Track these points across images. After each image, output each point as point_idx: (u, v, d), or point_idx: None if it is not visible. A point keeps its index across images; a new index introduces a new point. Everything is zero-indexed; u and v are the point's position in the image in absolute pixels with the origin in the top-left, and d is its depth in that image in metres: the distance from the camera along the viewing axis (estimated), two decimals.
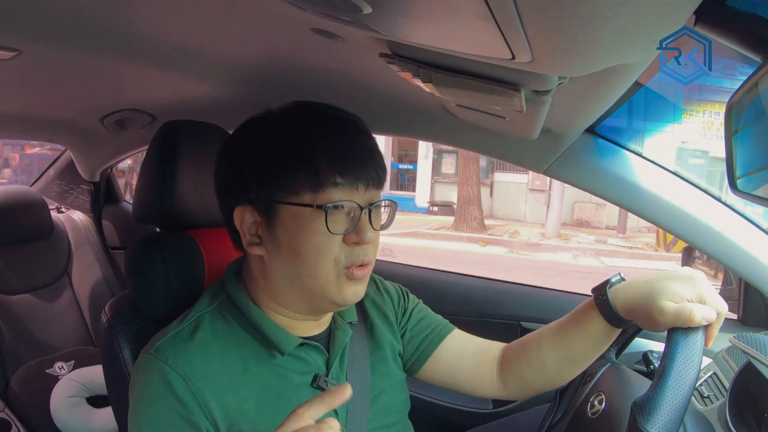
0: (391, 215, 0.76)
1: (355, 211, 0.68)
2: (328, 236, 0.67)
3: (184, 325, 0.72)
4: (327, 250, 0.68)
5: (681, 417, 0.59)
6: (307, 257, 0.68)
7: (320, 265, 0.68)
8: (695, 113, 7.12)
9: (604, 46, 0.44)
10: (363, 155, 0.69)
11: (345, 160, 0.68)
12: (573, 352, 0.80)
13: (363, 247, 0.69)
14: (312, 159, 0.67)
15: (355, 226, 0.68)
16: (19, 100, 1.42)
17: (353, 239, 0.68)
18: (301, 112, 0.72)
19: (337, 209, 0.67)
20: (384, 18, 0.48)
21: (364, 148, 0.70)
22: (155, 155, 0.92)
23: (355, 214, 0.69)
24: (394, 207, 0.76)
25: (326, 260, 0.68)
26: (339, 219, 0.68)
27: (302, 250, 0.68)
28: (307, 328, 0.76)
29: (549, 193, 10.25)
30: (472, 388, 0.89)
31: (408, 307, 0.91)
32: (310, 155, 0.67)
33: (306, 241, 0.67)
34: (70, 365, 1.83)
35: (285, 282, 0.71)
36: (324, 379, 0.74)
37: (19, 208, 1.95)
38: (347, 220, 0.69)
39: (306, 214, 0.67)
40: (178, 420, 0.65)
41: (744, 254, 1.03)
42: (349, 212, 0.69)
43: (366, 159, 0.70)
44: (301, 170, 0.67)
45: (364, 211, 0.69)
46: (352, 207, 0.68)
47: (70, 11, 0.73)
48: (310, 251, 0.68)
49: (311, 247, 0.68)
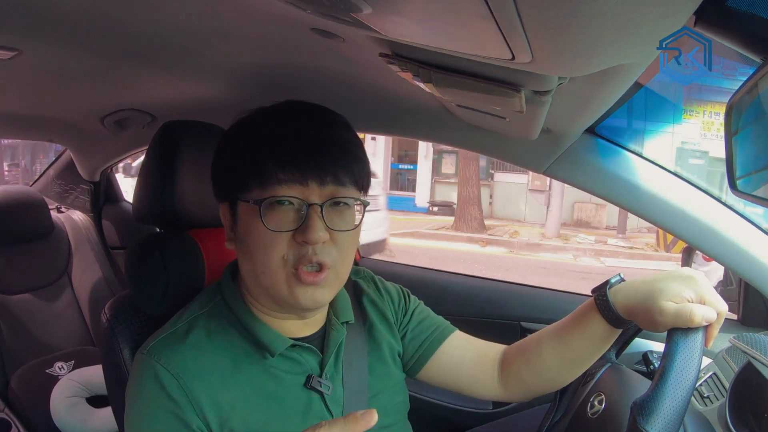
0: (362, 215, 0.73)
1: (303, 208, 0.67)
2: (271, 233, 0.66)
3: (178, 326, 0.72)
4: (272, 247, 0.67)
5: (681, 417, 0.59)
6: (255, 253, 0.68)
7: (267, 263, 0.67)
8: (695, 113, 7.12)
9: (604, 46, 0.44)
10: (317, 150, 0.67)
11: (290, 156, 0.66)
12: (573, 353, 0.79)
13: (314, 247, 0.67)
14: (257, 156, 0.67)
15: (302, 224, 0.66)
16: (19, 100, 1.42)
17: (300, 238, 0.66)
18: (270, 109, 0.72)
19: (281, 205, 0.66)
20: (384, 18, 0.48)
21: (324, 142, 0.68)
22: (155, 155, 0.92)
23: (296, 211, 0.67)
24: (364, 207, 0.73)
25: (272, 258, 0.67)
26: (285, 216, 0.67)
27: (251, 247, 0.69)
28: (296, 329, 0.76)
29: (549, 194, 10.25)
30: (472, 389, 0.89)
31: (409, 308, 0.91)
32: (255, 152, 0.68)
33: (253, 237, 0.68)
34: (70, 365, 1.83)
35: (249, 278, 0.73)
36: (317, 380, 0.74)
37: (19, 208, 1.95)
38: (296, 217, 0.67)
39: (254, 210, 0.67)
40: (171, 418, 0.66)
41: (744, 254, 1.03)
42: (299, 209, 0.67)
43: (322, 154, 0.67)
44: (247, 167, 0.68)
45: (313, 207, 0.66)
46: (300, 203, 0.67)
47: (70, 11, 0.73)
48: (257, 248, 0.68)
49: (257, 244, 0.68)
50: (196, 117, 0.98)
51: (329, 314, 0.81)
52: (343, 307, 0.82)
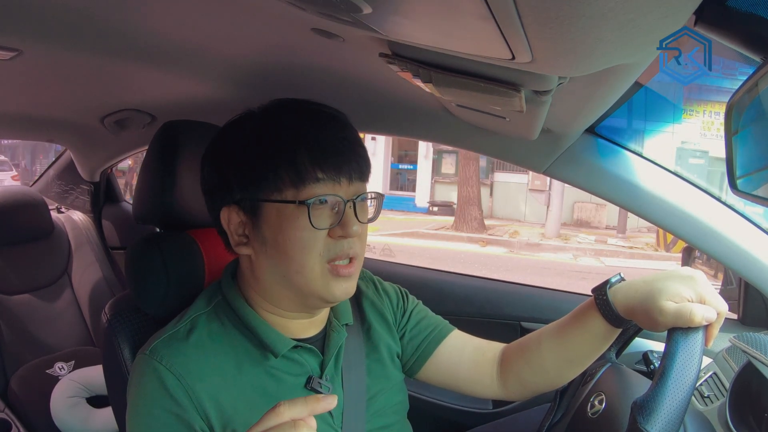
0: (378, 208, 0.76)
1: (339, 204, 0.69)
2: (313, 231, 0.67)
3: (179, 326, 0.72)
4: (311, 245, 0.68)
5: (681, 417, 0.59)
6: (292, 253, 0.68)
7: (305, 261, 0.68)
8: (695, 113, 7.12)
9: (604, 46, 0.44)
10: (344, 149, 0.69)
11: (325, 155, 0.68)
12: (573, 352, 0.79)
13: (348, 241, 0.69)
14: (292, 155, 0.67)
15: (340, 219, 0.68)
16: (19, 100, 1.42)
17: (338, 233, 0.68)
18: (281, 109, 0.72)
19: (321, 204, 0.68)
20: (384, 18, 0.48)
21: (345, 141, 0.70)
22: (155, 155, 0.92)
23: (340, 208, 0.69)
24: (380, 199, 0.76)
25: (311, 256, 0.68)
26: (323, 214, 0.68)
27: (287, 247, 0.68)
28: (301, 329, 0.76)
29: (549, 193, 10.25)
30: (471, 388, 0.89)
31: (407, 309, 0.91)
32: (290, 151, 0.67)
33: (291, 238, 0.68)
34: (70, 365, 1.83)
35: (273, 280, 0.72)
36: (317, 381, 0.74)
37: (19, 208, 1.95)
38: (332, 214, 0.69)
39: (289, 210, 0.67)
40: (173, 419, 0.66)
41: (744, 254, 1.03)
42: (333, 206, 0.69)
43: (347, 152, 0.70)
44: (282, 167, 0.67)
45: (348, 204, 0.69)
46: (336, 201, 0.68)
47: (70, 11, 0.73)
48: (295, 247, 0.68)
49: (296, 243, 0.68)
50: (196, 117, 0.98)
51: (330, 316, 0.81)
52: (344, 309, 0.82)
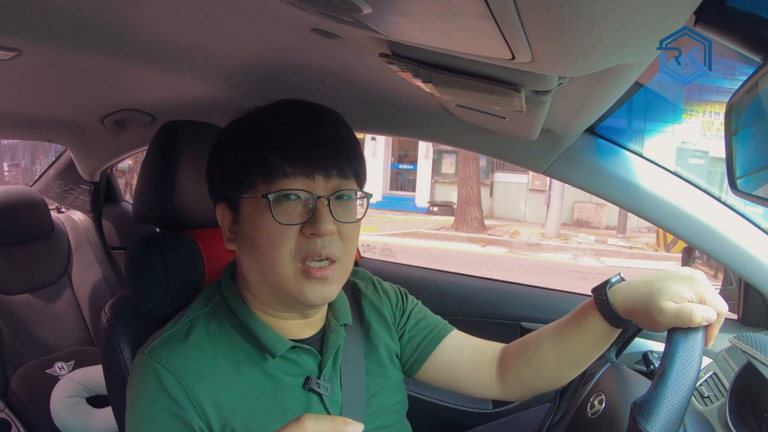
0: (365, 207, 0.74)
1: (310, 200, 0.68)
2: (280, 227, 0.66)
3: (178, 326, 0.72)
4: (281, 241, 0.67)
5: (681, 417, 0.59)
6: (263, 249, 0.68)
7: (276, 258, 0.67)
8: (695, 113, 7.12)
9: (604, 46, 0.44)
10: (321, 145, 0.68)
11: (296, 150, 0.67)
12: (573, 352, 0.79)
13: (322, 240, 0.67)
14: (262, 151, 0.68)
15: (310, 216, 0.67)
16: (19, 100, 1.42)
17: (309, 230, 0.67)
18: (266, 109, 0.73)
19: (288, 199, 0.67)
20: (384, 18, 0.48)
21: (325, 138, 0.69)
22: (155, 155, 0.92)
23: (312, 204, 0.68)
24: (368, 199, 0.74)
25: (281, 252, 0.67)
26: (293, 210, 0.67)
27: (258, 242, 0.68)
28: (297, 329, 0.76)
29: (549, 193, 10.25)
30: (471, 388, 0.89)
31: (407, 308, 0.91)
32: (260, 147, 0.68)
33: (261, 233, 0.68)
34: (70, 365, 1.83)
35: (255, 277, 0.72)
36: (316, 382, 0.74)
37: (19, 208, 1.95)
38: (304, 210, 0.68)
39: (260, 205, 0.67)
40: (173, 419, 0.66)
41: (744, 254, 1.03)
42: (306, 203, 0.68)
43: (324, 148, 0.68)
44: (252, 162, 0.68)
45: (321, 200, 0.67)
46: (307, 197, 0.67)
47: (70, 11, 0.73)
48: (265, 242, 0.68)
49: (265, 239, 0.68)
50: (196, 117, 0.98)
51: (328, 316, 0.81)
52: (342, 309, 0.82)
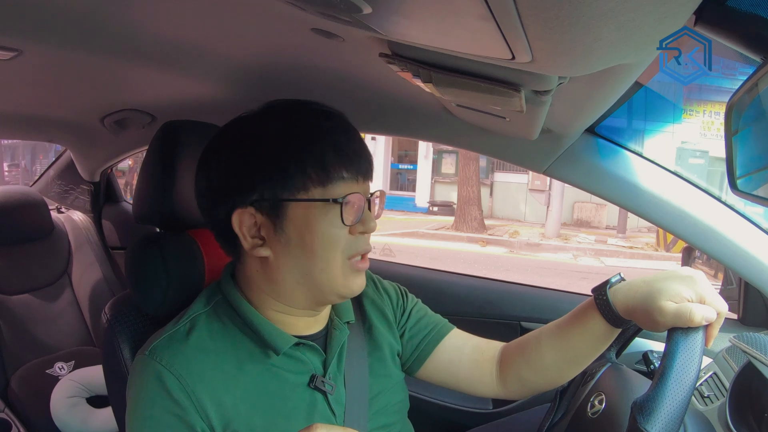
0: (381, 205, 0.79)
1: (360, 201, 0.71)
2: (341, 228, 0.69)
3: (179, 326, 0.72)
4: (337, 242, 0.70)
5: (681, 417, 0.59)
6: (320, 252, 0.69)
7: (331, 258, 0.70)
8: (695, 113, 7.13)
9: (604, 46, 0.44)
10: (360, 149, 0.72)
11: (349, 154, 0.70)
12: (572, 352, 0.80)
13: (365, 236, 0.73)
14: (320, 154, 0.68)
15: (360, 216, 0.70)
16: (19, 100, 1.42)
17: (360, 229, 0.71)
18: (293, 109, 0.72)
19: (349, 202, 0.69)
20: (384, 18, 0.48)
21: (358, 141, 0.73)
22: (155, 155, 0.92)
23: (360, 205, 0.70)
24: (383, 196, 0.79)
25: (337, 252, 0.70)
26: (350, 211, 0.70)
27: (315, 245, 0.69)
28: (304, 326, 0.76)
29: (549, 193, 10.25)
30: (471, 387, 0.89)
31: (407, 307, 0.91)
32: (318, 151, 0.68)
33: (320, 236, 0.68)
34: (70, 365, 1.83)
35: (293, 279, 0.71)
36: (321, 380, 0.74)
37: (19, 208, 1.95)
38: (353, 211, 0.70)
39: (317, 208, 0.68)
40: (174, 420, 0.65)
41: (744, 254, 1.03)
42: (354, 203, 0.70)
43: (361, 152, 0.72)
44: (310, 165, 0.67)
45: (366, 201, 0.72)
46: (358, 198, 0.70)
47: (70, 11, 0.73)
48: (324, 245, 0.69)
49: (324, 241, 0.69)
50: (196, 117, 0.98)
51: (331, 314, 0.81)
52: (345, 307, 0.82)
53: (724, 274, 1.29)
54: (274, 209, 0.68)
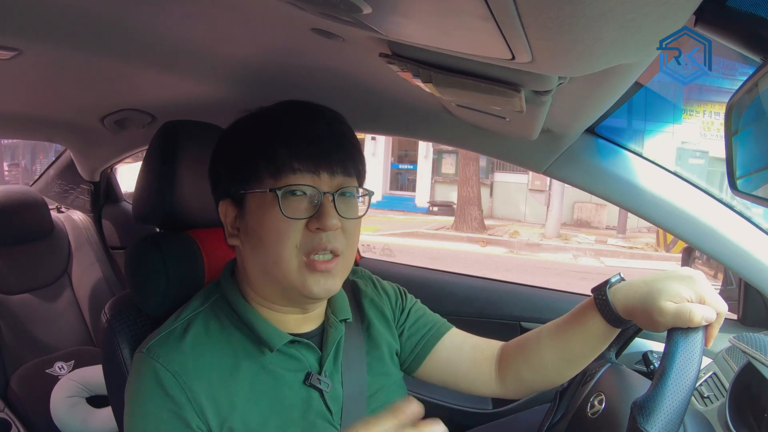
0: (367, 204, 0.76)
1: (316, 196, 0.69)
2: (287, 221, 0.68)
3: (176, 324, 0.73)
4: (286, 235, 0.68)
5: (681, 417, 0.59)
6: (269, 244, 0.69)
7: (281, 252, 0.68)
8: (695, 113, 7.13)
9: (604, 46, 0.44)
10: (327, 143, 0.70)
11: (304, 147, 0.69)
12: (572, 351, 0.80)
13: (327, 234, 0.69)
14: (271, 146, 0.69)
15: (316, 212, 0.69)
16: (19, 100, 1.42)
17: (315, 225, 0.68)
18: (273, 108, 0.74)
19: (295, 194, 0.68)
20: (384, 18, 0.48)
21: (330, 136, 0.71)
22: (155, 155, 0.92)
23: (318, 200, 0.69)
24: (369, 197, 0.76)
25: (286, 246, 0.68)
26: (299, 205, 0.69)
27: (264, 236, 0.69)
28: (296, 324, 0.77)
29: (549, 193, 10.25)
30: (470, 386, 0.89)
31: (406, 306, 0.91)
32: (269, 143, 0.69)
33: (267, 227, 0.69)
34: (70, 365, 1.83)
35: (257, 271, 0.73)
36: (316, 377, 0.74)
37: (19, 208, 1.95)
38: (309, 206, 0.69)
39: (267, 200, 0.69)
40: (170, 417, 0.66)
41: (744, 254, 1.03)
42: (312, 198, 0.69)
43: (329, 146, 0.71)
44: (260, 158, 0.69)
45: (326, 196, 0.69)
46: (313, 192, 0.69)
47: (70, 11, 0.73)
48: (271, 236, 0.69)
49: (271, 233, 0.69)
50: (196, 117, 0.98)
51: (327, 312, 0.81)
52: (341, 305, 0.82)
53: (724, 274, 1.29)
54: (239, 201, 0.72)
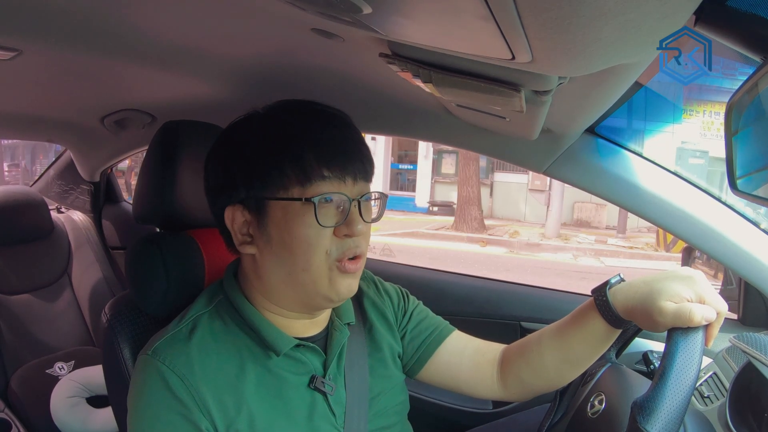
0: (381, 208, 0.76)
1: (344, 203, 0.69)
2: (318, 229, 0.67)
3: (181, 326, 0.72)
4: (318, 243, 0.68)
5: (681, 417, 0.59)
6: (298, 251, 0.68)
7: (311, 259, 0.68)
8: (695, 113, 7.13)
9: (604, 46, 0.44)
10: (349, 148, 0.70)
11: (332, 154, 0.68)
12: (573, 353, 0.79)
13: (354, 239, 0.70)
14: (299, 153, 0.67)
15: (345, 218, 0.69)
16: (19, 100, 1.42)
17: (344, 231, 0.69)
18: (286, 109, 0.73)
19: (327, 202, 0.68)
20: (384, 18, 0.48)
21: (350, 141, 0.71)
22: (155, 155, 0.92)
23: (345, 207, 0.69)
24: (384, 199, 0.76)
25: (317, 253, 0.68)
26: (329, 212, 0.68)
27: (293, 245, 0.68)
28: (303, 328, 0.76)
29: (549, 193, 10.25)
30: (471, 389, 0.89)
31: (408, 309, 0.91)
32: (296, 149, 0.68)
33: (297, 236, 0.68)
34: (70, 365, 1.83)
35: (278, 279, 0.72)
36: (321, 381, 0.74)
37: (19, 208, 1.95)
38: (337, 212, 0.69)
39: (295, 208, 0.67)
40: (179, 419, 0.65)
41: (744, 254, 1.03)
42: (338, 205, 0.69)
43: (352, 152, 0.70)
44: (288, 165, 0.67)
45: (353, 203, 0.69)
46: (341, 199, 0.69)
47: (70, 11, 0.73)
48: (302, 245, 0.68)
49: (302, 241, 0.68)
50: (196, 117, 0.98)
51: (332, 315, 0.81)
52: (345, 309, 0.82)
53: (724, 274, 1.29)
54: (257, 208, 0.70)
